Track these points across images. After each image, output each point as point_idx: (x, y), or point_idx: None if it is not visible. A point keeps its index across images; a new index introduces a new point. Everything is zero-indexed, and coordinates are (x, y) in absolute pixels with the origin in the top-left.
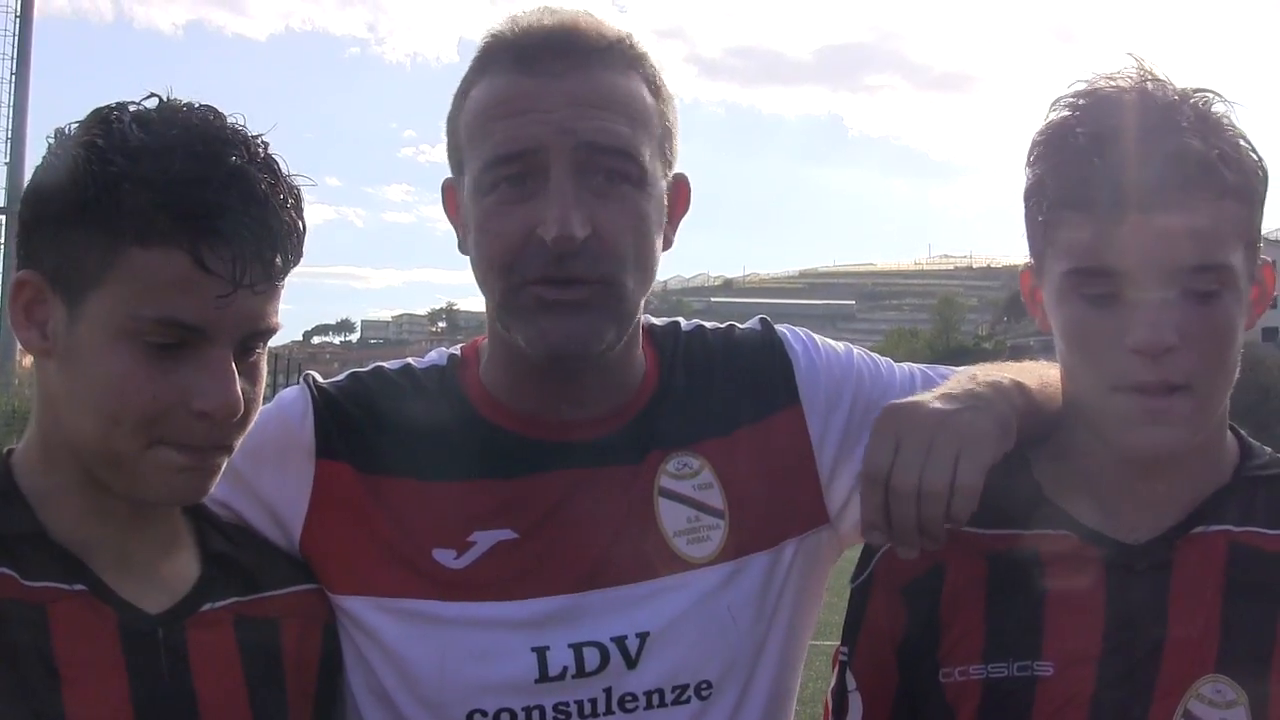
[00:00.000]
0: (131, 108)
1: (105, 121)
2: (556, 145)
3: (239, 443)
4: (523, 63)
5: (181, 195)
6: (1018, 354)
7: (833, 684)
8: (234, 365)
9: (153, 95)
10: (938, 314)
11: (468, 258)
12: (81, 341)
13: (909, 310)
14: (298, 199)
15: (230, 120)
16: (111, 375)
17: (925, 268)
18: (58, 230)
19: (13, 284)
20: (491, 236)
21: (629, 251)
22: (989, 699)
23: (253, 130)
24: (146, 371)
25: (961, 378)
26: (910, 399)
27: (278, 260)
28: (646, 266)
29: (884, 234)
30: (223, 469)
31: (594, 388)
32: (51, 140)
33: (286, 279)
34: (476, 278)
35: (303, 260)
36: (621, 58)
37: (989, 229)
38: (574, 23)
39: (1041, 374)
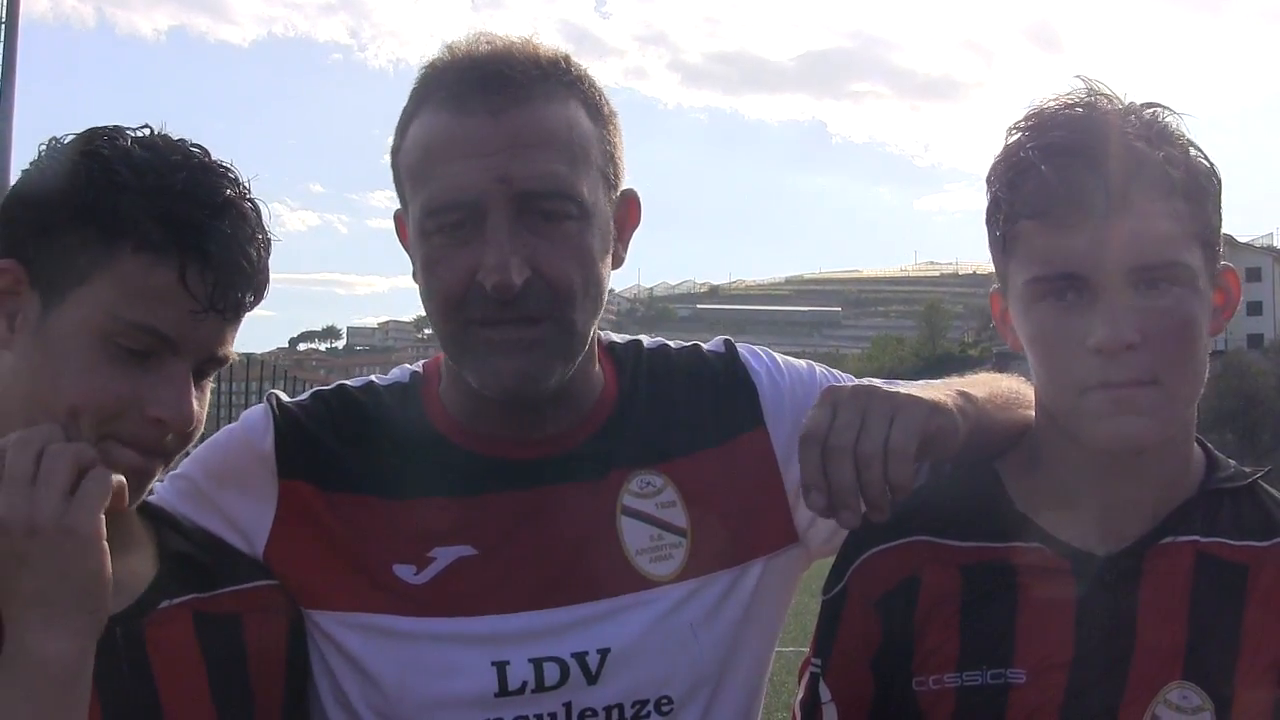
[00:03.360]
0: (129, 132)
1: (108, 137)
2: (493, 193)
3: (175, 458)
4: (458, 100)
5: (179, 210)
6: (1003, 361)
7: (801, 695)
8: (192, 382)
9: (146, 126)
10: (924, 320)
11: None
12: (51, 336)
13: (895, 317)
14: (269, 244)
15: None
16: (80, 369)
17: (911, 274)
18: (50, 229)
19: None
20: (434, 280)
21: (575, 286)
22: (962, 706)
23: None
24: (113, 371)
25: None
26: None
27: (249, 293)
28: (595, 295)
29: (870, 241)
30: (154, 480)
31: (549, 410)
32: (44, 147)
33: (245, 314)
34: (426, 311)
35: (287, 267)
36: (558, 85)
37: (975, 236)
38: (507, 51)
39: (991, 384)
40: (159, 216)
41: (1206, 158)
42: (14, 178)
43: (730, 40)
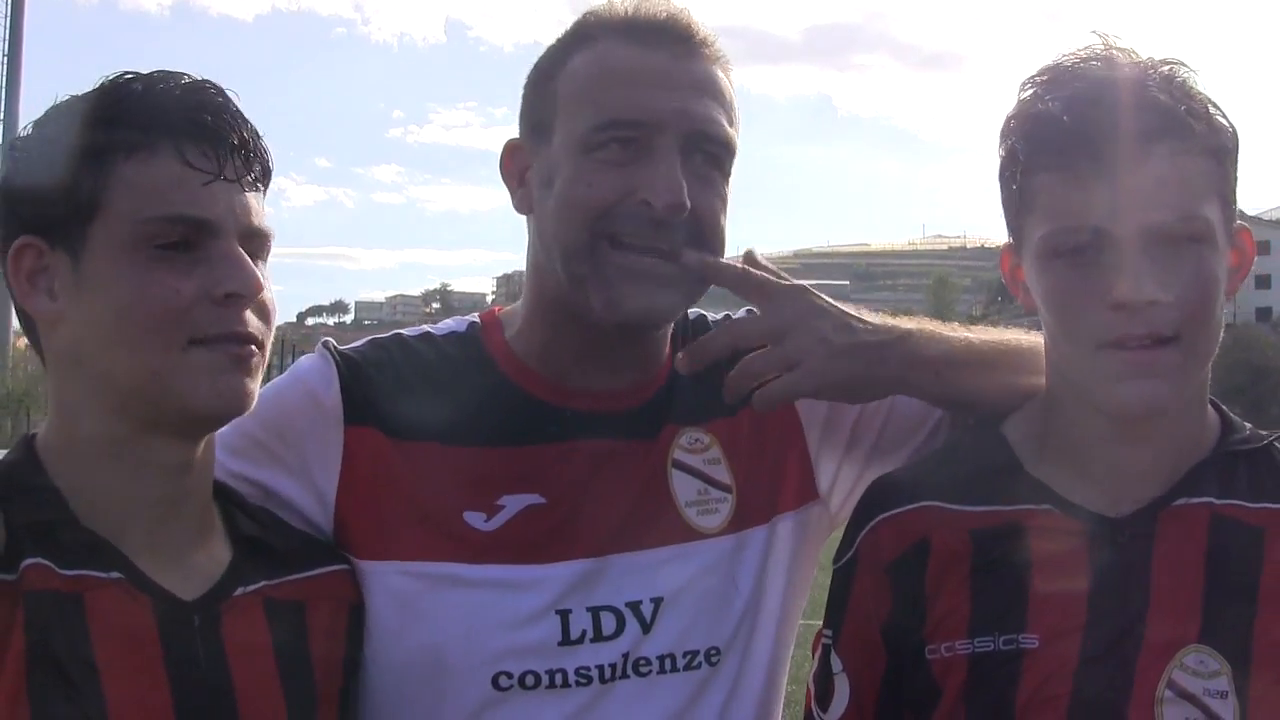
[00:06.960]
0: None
1: (81, 96)
2: (674, 124)
3: (269, 343)
4: (642, 37)
5: (159, 105)
6: None
7: (814, 668)
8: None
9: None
10: (932, 294)
11: (527, 219)
12: (93, 274)
13: (903, 290)
14: (255, 128)
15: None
16: (133, 286)
17: (919, 248)
18: (44, 186)
19: (10, 256)
20: (585, 187)
21: (717, 233)
22: (975, 673)
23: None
24: (164, 272)
25: (893, 319)
26: (827, 299)
27: (254, 162)
28: (722, 251)
29: (877, 214)
30: (260, 373)
31: (629, 359)
32: (28, 131)
33: (266, 193)
34: (544, 232)
35: (293, 241)
36: (718, 54)
37: (982, 209)
38: (683, 11)
39: (1004, 342)
40: (142, 118)
41: (1225, 116)
42: None
43: (735, 13)
